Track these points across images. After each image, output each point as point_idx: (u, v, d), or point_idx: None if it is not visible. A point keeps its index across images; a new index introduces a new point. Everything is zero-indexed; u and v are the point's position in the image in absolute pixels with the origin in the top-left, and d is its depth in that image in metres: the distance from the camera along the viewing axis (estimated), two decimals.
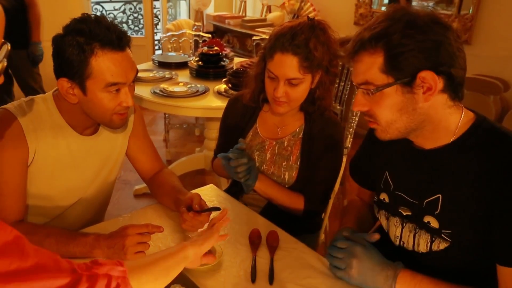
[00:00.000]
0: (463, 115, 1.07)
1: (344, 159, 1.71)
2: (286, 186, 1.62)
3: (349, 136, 2.57)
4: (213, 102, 2.56)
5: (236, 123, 1.71)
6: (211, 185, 1.70)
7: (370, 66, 1.02)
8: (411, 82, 0.99)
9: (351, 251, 1.13)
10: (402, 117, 1.04)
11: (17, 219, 1.26)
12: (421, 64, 0.98)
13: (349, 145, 2.57)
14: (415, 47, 0.97)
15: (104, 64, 1.19)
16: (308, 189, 1.61)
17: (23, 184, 1.28)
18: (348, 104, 2.98)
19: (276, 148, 1.64)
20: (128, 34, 1.25)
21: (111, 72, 1.20)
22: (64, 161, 1.35)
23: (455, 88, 1.02)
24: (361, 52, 1.03)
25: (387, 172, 1.24)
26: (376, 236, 1.14)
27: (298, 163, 1.60)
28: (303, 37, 1.42)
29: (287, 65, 1.43)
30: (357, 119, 2.56)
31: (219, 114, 1.79)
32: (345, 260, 1.13)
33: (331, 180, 1.66)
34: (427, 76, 0.98)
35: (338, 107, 3.03)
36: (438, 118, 1.05)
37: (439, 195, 1.09)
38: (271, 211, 1.62)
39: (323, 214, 1.84)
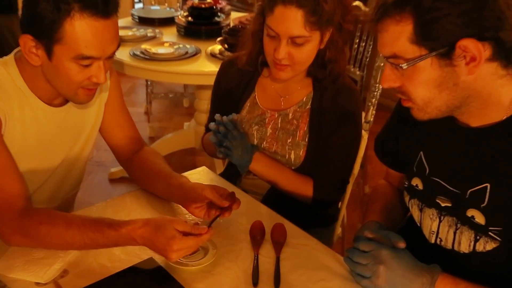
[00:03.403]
0: None
1: (366, 135, 1.72)
2: (293, 168, 1.62)
3: (372, 108, 2.58)
4: (205, 66, 2.56)
5: (231, 91, 1.72)
6: (203, 167, 1.71)
7: (397, 36, 1.01)
8: (450, 52, 0.98)
9: (376, 255, 1.12)
10: (441, 94, 1.03)
11: (23, 194, 1.27)
12: (460, 31, 0.96)
13: (371, 119, 2.58)
14: (452, 11, 0.95)
15: (80, 30, 1.18)
16: (318, 172, 1.61)
17: (10, 155, 1.29)
18: (369, 70, 2.96)
19: (279, 121, 1.64)
20: None
21: (86, 43, 1.19)
22: (32, 139, 1.36)
23: (507, 54, 1.01)
24: (385, 19, 1.03)
25: (422, 152, 1.23)
26: (402, 245, 1.13)
27: (306, 139, 1.60)
28: None
29: (291, 20, 1.42)
30: (381, 87, 2.56)
31: (213, 81, 1.79)
32: (370, 267, 1.12)
33: (347, 161, 1.66)
34: (468, 45, 0.97)
35: (358, 72, 3.03)
36: (487, 92, 1.04)
37: (487, 184, 1.08)
38: (275, 198, 1.62)
39: (339, 204, 1.85)
